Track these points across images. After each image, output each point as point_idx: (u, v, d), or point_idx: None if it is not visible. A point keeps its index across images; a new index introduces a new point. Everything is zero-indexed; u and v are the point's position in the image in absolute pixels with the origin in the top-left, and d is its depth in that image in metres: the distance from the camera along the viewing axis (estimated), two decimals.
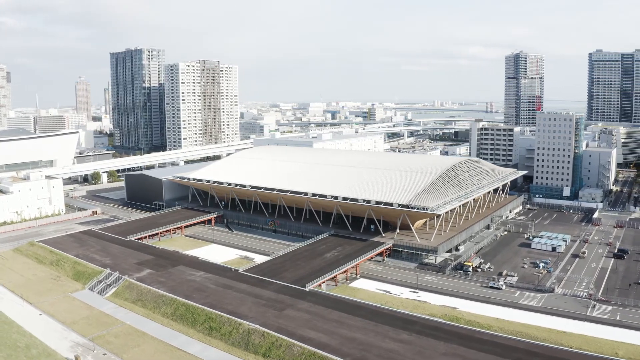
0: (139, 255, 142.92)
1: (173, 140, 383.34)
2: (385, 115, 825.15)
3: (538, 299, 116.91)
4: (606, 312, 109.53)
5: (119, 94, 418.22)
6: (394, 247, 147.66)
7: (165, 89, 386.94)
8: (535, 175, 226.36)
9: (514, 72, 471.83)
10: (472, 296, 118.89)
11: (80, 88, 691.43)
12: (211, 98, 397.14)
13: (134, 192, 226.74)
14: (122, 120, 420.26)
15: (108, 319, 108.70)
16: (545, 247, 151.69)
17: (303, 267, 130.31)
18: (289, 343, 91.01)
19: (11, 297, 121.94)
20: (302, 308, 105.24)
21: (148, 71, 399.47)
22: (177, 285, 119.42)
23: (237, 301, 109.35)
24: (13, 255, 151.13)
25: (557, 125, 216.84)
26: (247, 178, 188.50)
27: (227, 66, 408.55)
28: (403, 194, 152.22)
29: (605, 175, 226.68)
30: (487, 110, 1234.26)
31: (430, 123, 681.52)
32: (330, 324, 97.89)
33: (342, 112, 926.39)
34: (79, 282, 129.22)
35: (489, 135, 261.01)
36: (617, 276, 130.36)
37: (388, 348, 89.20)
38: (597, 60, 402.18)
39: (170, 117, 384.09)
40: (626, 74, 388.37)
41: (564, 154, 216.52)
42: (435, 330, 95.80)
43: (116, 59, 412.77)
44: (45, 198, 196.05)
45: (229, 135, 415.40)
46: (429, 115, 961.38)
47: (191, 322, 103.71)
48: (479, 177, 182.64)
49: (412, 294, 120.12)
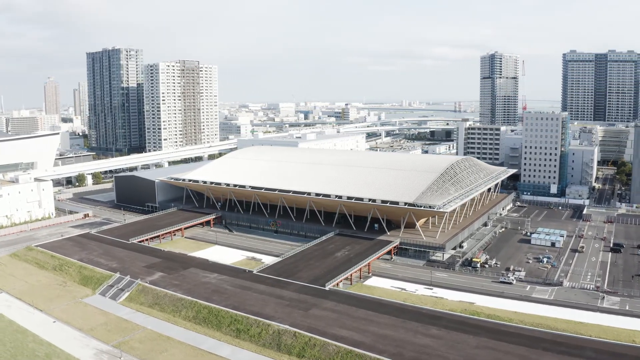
0: (145, 258, 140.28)
1: (153, 141, 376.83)
2: (359, 115, 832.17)
3: (549, 292, 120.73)
4: (615, 303, 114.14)
5: (95, 94, 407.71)
6: (401, 245, 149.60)
7: (145, 89, 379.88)
8: (522, 174, 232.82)
9: (489, 72, 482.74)
10: (486, 291, 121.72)
11: (49, 89, 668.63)
12: (191, 98, 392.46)
13: (124, 194, 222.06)
14: (99, 121, 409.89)
15: (127, 324, 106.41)
16: (544, 243, 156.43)
17: (317, 266, 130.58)
18: (322, 342, 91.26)
19: (19, 305, 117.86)
20: (327, 307, 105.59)
21: (126, 71, 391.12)
22: (194, 288, 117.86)
23: (260, 302, 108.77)
24: (11, 261, 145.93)
25: (544, 124, 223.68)
26: (245, 178, 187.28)
27: (206, 66, 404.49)
28: (408, 193, 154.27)
29: (588, 172, 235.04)
30: (455, 110, 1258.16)
31: (405, 123, 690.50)
32: (359, 322, 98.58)
33: (314, 112, 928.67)
34: (88, 287, 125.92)
35: (476, 134, 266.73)
36: (617, 269, 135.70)
37: (421, 344, 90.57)
38: (572, 60, 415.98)
39: (150, 118, 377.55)
40: (599, 74, 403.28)
41: (550, 152, 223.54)
42: (462, 325, 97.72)
43: (92, 58, 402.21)
44: (35, 201, 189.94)
45: (209, 136, 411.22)
46: (398, 115, 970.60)
47: (216, 324, 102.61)
48: (475, 176, 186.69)
49: (427, 291, 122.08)
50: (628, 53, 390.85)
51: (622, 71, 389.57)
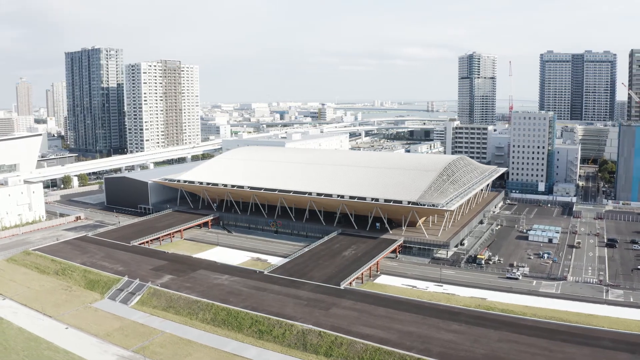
0: (151, 261, 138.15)
1: (135, 142, 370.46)
2: (335, 115, 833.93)
3: (555, 286, 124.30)
4: (619, 295, 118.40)
5: (74, 94, 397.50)
6: (405, 243, 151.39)
7: (126, 90, 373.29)
8: (510, 172, 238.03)
9: (467, 72, 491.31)
10: (494, 287, 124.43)
11: (21, 90, 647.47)
12: (173, 99, 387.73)
13: (115, 196, 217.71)
14: (78, 122, 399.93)
15: (144, 328, 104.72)
16: (542, 239, 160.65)
17: (327, 266, 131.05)
18: (349, 341, 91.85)
19: (26, 311, 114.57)
20: (346, 306, 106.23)
21: (106, 71, 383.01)
22: (208, 290, 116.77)
23: (278, 302, 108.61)
24: (8, 266, 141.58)
25: (532, 123, 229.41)
26: (242, 179, 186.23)
27: (188, 66, 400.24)
28: (410, 192, 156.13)
29: (573, 170, 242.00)
30: (428, 110, 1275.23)
31: (383, 123, 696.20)
32: (381, 320, 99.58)
33: (290, 113, 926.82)
34: (95, 291, 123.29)
35: (464, 134, 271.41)
36: (615, 263, 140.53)
37: (446, 339, 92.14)
38: (549, 60, 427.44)
39: (132, 119, 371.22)
40: (576, 73, 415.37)
41: (538, 151, 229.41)
42: (481, 320, 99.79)
43: (71, 58, 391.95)
44: (25, 204, 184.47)
45: (191, 137, 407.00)
46: (372, 114, 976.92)
47: (236, 326, 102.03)
48: (470, 175, 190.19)
49: (438, 288, 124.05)
50: (604, 53, 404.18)
51: (599, 71, 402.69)
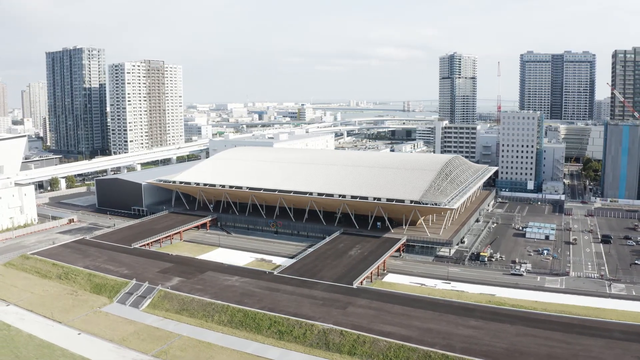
0: (156, 264, 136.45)
1: (118, 143, 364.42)
2: (315, 115, 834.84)
3: (559, 282, 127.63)
4: (622, 289, 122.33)
5: (55, 95, 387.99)
6: (409, 242, 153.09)
7: (109, 90, 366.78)
8: (500, 171, 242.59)
9: (448, 72, 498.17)
10: (500, 283, 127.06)
11: None
12: (156, 99, 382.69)
13: (107, 198, 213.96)
14: (59, 123, 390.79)
15: (160, 332, 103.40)
16: (539, 236, 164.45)
17: (335, 265, 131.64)
18: (372, 339, 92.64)
19: (33, 317, 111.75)
20: (362, 305, 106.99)
21: (88, 71, 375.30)
22: (220, 292, 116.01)
23: (294, 303, 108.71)
24: (7, 271, 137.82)
25: (521, 123, 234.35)
26: (239, 179, 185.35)
27: (171, 66, 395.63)
28: (411, 191, 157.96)
29: (559, 169, 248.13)
30: (404, 110, 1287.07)
31: (364, 123, 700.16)
32: (400, 318, 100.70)
33: (269, 113, 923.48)
34: (102, 295, 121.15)
35: (452, 133, 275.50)
36: (613, 259, 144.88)
37: (466, 334, 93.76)
38: (529, 61, 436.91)
39: (115, 119, 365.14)
40: (556, 73, 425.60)
41: (527, 150, 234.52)
42: (496, 315, 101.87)
43: (52, 58, 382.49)
44: (16, 207, 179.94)
45: (174, 137, 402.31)
46: (349, 114, 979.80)
47: (255, 328, 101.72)
48: (466, 174, 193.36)
49: (446, 285, 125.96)
50: (583, 54, 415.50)
51: (578, 71, 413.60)
